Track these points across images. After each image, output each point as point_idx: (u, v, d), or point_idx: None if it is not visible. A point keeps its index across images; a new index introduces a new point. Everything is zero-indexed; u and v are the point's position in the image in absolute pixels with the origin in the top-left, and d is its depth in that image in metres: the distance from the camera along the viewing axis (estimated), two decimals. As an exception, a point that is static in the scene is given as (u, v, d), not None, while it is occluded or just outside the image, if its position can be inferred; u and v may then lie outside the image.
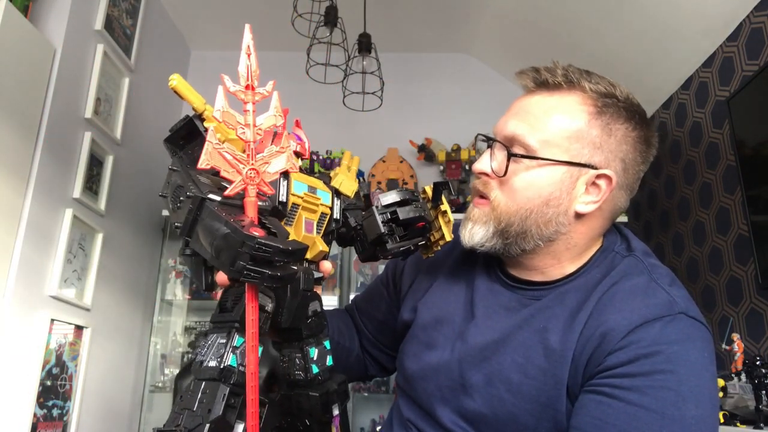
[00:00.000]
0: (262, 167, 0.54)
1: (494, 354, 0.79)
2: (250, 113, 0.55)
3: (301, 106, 4.07)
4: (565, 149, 0.78)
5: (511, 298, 0.83)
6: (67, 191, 2.24)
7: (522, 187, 0.79)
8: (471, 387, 0.79)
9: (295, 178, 0.67)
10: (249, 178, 0.54)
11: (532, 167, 0.78)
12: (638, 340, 0.70)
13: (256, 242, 0.50)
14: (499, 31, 3.19)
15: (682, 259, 2.51)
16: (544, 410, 0.74)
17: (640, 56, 2.61)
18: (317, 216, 0.69)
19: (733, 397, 1.61)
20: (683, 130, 2.54)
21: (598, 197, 0.79)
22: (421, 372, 0.86)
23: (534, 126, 0.79)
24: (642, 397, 0.67)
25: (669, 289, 0.75)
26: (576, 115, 0.79)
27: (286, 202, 0.65)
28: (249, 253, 0.50)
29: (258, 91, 0.55)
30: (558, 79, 0.80)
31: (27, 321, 1.99)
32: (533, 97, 0.82)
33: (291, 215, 0.66)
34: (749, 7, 2.08)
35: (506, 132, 0.81)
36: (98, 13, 2.43)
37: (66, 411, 2.19)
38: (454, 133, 3.25)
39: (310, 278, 0.67)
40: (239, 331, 0.60)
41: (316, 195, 0.69)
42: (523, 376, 0.76)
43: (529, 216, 0.78)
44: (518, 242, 0.80)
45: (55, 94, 2.14)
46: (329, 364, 0.71)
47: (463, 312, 0.86)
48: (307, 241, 0.67)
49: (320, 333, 0.71)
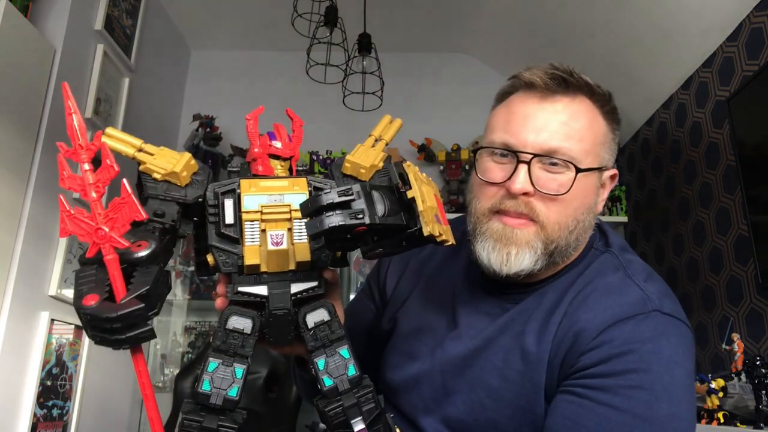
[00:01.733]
0: (108, 224, 0.54)
1: (476, 361, 0.78)
2: (88, 172, 0.55)
3: (301, 106, 4.03)
4: (596, 155, 0.78)
5: (492, 303, 0.82)
6: (67, 191, 2.24)
7: (572, 200, 0.75)
8: (454, 395, 0.78)
9: (249, 191, 0.62)
10: (99, 238, 0.54)
11: (578, 178, 0.75)
12: (610, 340, 0.69)
13: (79, 312, 0.52)
14: (499, 31, 3.19)
15: (682, 259, 2.51)
16: (523, 415, 0.73)
17: (640, 56, 2.61)
18: (289, 224, 0.63)
19: (733, 397, 1.61)
20: (683, 130, 2.54)
21: (605, 194, 0.82)
22: (403, 383, 0.84)
23: (572, 136, 0.76)
24: (613, 398, 0.67)
25: (644, 285, 0.74)
26: (597, 120, 0.79)
27: (236, 222, 0.62)
28: (87, 324, 0.52)
29: (88, 147, 0.58)
30: (577, 85, 0.78)
31: (27, 321, 1.99)
32: (555, 104, 0.77)
33: (252, 233, 0.61)
34: (749, 7, 2.08)
35: (547, 146, 0.74)
36: (98, 13, 2.43)
37: (66, 411, 2.19)
38: (454, 133, 3.25)
39: (283, 294, 0.62)
40: (213, 356, 0.62)
41: (282, 203, 0.62)
42: (502, 381, 0.75)
43: (575, 228, 0.76)
44: (555, 258, 0.77)
45: (55, 94, 2.14)
46: (351, 373, 0.65)
47: (444, 320, 0.85)
48: (278, 255, 0.62)
49: (333, 342, 0.65)
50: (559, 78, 0.76)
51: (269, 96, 3.35)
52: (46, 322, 2.04)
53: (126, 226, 0.55)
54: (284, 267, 0.63)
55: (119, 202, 0.55)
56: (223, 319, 0.62)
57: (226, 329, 0.62)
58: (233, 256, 0.62)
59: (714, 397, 1.62)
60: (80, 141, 0.56)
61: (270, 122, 0.72)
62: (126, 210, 0.55)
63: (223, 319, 0.62)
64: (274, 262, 0.62)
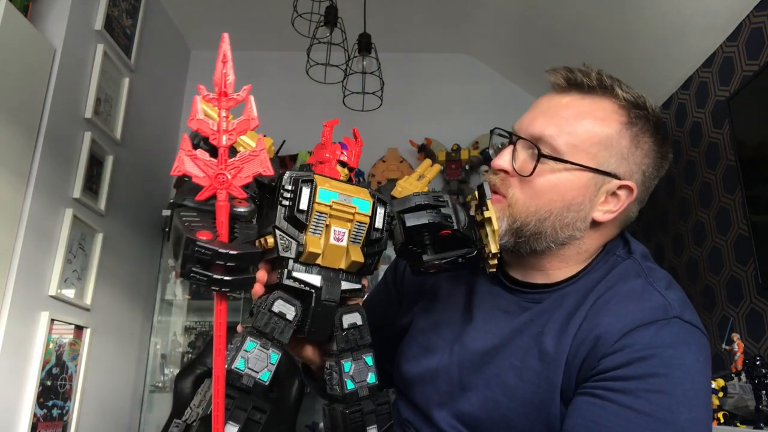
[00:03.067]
0: (231, 171, 0.54)
1: (493, 358, 0.79)
2: (222, 119, 0.55)
3: (301, 106, 4.07)
4: (592, 155, 0.76)
5: (510, 301, 0.83)
6: (67, 191, 2.24)
7: (545, 188, 0.77)
8: (469, 390, 0.79)
9: (325, 186, 0.65)
10: (218, 183, 0.54)
11: (557, 170, 0.76)
12: (632, 344, 0.70)
13: (196, 244, 0.51)
14: (499, 31, 3.19)
15: (682, 259, 2.51)
16: (537, 413, 0.74)
17: (640, 56, 2.61)
18: (351, 225, 0.66)
19: (733, 397, 1.61)
20: (683, 130, 2.54)
21: (616, 207, 0.79)
22: (419, 376, 0.85)
23: (563, 128, 0.76)
24: (635, 400, 0.67)
25: (665, 292, 0.75)
26: (608, 123, 0.77)
27: (308, 210, 0.63)
28: (193, 256, 0.51)
29: (231, 97, 0.56)
30: (592, 83, 0.78)
31: (27, 321, 1.99)
32: (564, 98, 0.79)
33: (318, 224, 0.64)
34: (749, 7, 2.08)
35: (533, 130, 0.78)
36: (98, 13, 2.43)
37: (66, 411, 2.19)
38: (454, 133, 3.25)
39: (335, 288, 0.65)
40: (252, 336, 0.61)
41: (350, 204, 0.66)
42: (518, 380, 0.76)
43: (547, 218, 0.77)
44: (530, 242, 0.79)
45: (55, 94, 2.14)
46: (371, 381, 0.68)
47: (462, 316, 0.86)
48: (337, 250, 0.65)
49: (361, 347, 0.68)
50: (574, 77, 0.78)
51: (269, 96, 3.35)
52: (46, 322, 2.04)
53: (249, 178, 0.56)
54: (337, 264, 0.66)
55: (250, 154, 0.56)
56: (270, 302, 0.63)
57: (271, 311, 0.62)
58: (294, 242, 0.64)
59: (714, 397, 1.63)
60: (225, 89, 0.55)
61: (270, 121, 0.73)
62: (254, 163, 0.55)
63: (270, 302, 0.63)
64: (331, 257, 0.65)
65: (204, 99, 0.54)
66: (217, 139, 0.54)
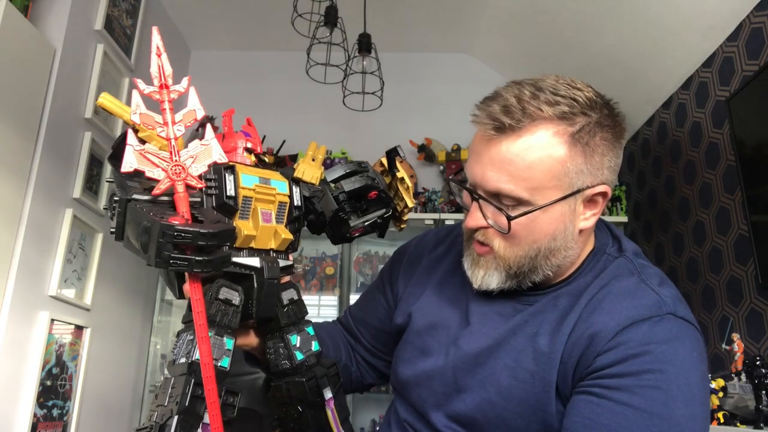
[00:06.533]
0: (186, 162, 0.56)
1: (488, 359, 0.80)
2: (167, 111, 0.56)
3: (301, 106, 4.06)
4: (556, 187, 0.74)
5: (505, 304, 0.83)
6: (67, 191, 2.24)
7: (525, 233, 0.76)
8: (464, 391, 0.80)
9: (244, 171, 0.68)
10: (175, 174, 0.55)
11: (531, 216, 0.75)
12: (627, 341, 0.71)
13: (174, 229, 0.52)
14: (499, 31, 3.19)
15: (682, 259, 2.51)
16: (533, 412, 0.75)
17: (640, 56, 2.61)
18: (275, 206, 0.69)
19: (733, 397, 1.61)
20: (683, 130, 2.54)
21: (597, 209, 0.79)
22: (415, 378, 0.86)
23: (516, 176, 0.73)
24: (631, 397, 0.68)
25: (658, 289, 0.76)
26: (553, 149, 0.73)
27: (235, 195, 0.66)
28: (170, 242, 0.52)
29: (173, 89, 0.57)
30: (518, 118, 0.73)
31: (27, 321, 1.99)
32: (501, 145, 0.74)
33: (245, 208, 0.67)
34: (749, 7, 2.08)
35: (489, 187, 0.75)
36: (98, 13, 2.43)
37: (66, 411, 2.19)
38: (454, 133, 3.25)
39: (275, 266, 0.68)
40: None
41: (269, 185, 0.69)
42: (513, 380, 0.77)
43: (537, 254, 0.77)
44: (529, 276, 0.79)
45: (55, 94, 2.14)
46: (315, 349, 0.73)
47: (458, 318, 0.86)
48: (267, 231, 0.68)
49: (300, 320, 0.73)
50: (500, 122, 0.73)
51: (269, 96, 3.35)
52: (46, 322, 2.04)
53: (205, 167, 0.57)
54: (267, 244, 0.69)
55: (202, 144, 0.57)
56: (214, 290, 0.64)
57: (218, 299, 0.64)
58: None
59: (714, 397, 1.63)
60: (165, 81, 0.56)
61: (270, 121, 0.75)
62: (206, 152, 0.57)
63: (214, 290, 0.64)
64: (263, 238, 0.68)
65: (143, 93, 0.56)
66: (165, 131, 0.55)
